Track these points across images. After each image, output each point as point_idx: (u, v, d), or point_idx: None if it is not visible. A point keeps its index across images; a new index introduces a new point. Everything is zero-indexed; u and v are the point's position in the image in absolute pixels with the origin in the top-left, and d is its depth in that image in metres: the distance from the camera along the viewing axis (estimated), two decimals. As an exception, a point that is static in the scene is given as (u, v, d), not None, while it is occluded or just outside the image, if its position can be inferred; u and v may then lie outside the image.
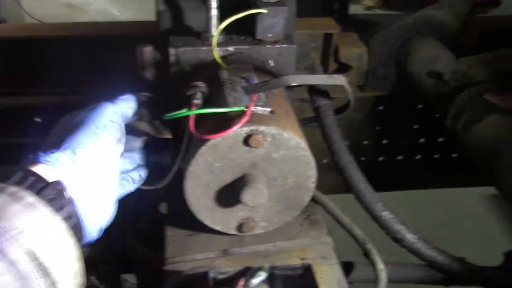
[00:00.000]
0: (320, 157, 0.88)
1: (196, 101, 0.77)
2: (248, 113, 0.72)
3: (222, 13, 0.85)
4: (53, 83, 1.29)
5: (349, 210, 0.95)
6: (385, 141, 1.53)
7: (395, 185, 1.56)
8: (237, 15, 0.82)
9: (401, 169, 1.57)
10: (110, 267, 1.09)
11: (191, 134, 0.74)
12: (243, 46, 0.89)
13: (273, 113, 0.75)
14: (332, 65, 1.37)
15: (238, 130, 0.71)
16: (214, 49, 0.83)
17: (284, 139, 0.74)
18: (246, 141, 0.73)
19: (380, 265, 0.88)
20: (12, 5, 3.57)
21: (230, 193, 0.77)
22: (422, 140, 1.54)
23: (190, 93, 0.78)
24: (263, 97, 0.78)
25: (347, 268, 0.98)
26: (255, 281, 0.66)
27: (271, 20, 0.89)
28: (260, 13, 0.87)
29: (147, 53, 0.88)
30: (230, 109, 0.73)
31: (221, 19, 0.83)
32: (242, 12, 0.83)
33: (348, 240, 0.94)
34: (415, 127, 1.51)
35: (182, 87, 0.80)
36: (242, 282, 0.66)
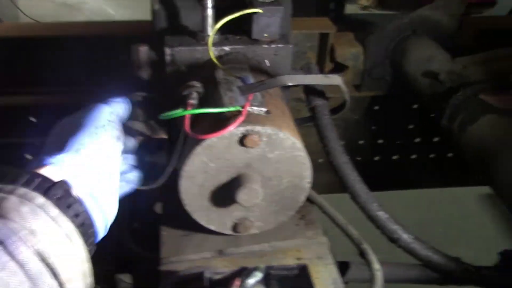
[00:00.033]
0: (316, 157, 0.88)
1: (192, 101, 0.76)
2: (244, 113, 0.72)
3: (218, 13, 0.84)
4: (50, 83, 1.29)
5: (345, 210, 0.95)
6: (381, 141, 1.53)
7: (391, 185, 1.56)
8: (233, 15, 0.82)
9: (397, 169, 1.57)
10: (106, 267, 1.08)
11: (187, 134, 0.73)
12: (239, 46, 0.89)
13: (269, 113, 0.75)
14: (328, 65, 1.37)
15: (234, 130, 0.71)
16: (210, 49, 0.83)
17: (280, 139, 0.74)
18: (242, 141, 0.72)
19: (376, 265, 0.89)
20: (8, 5, 3.55)
21: (226, 193, 0.77)
22: (418, 140, 1.54)
23: (186, 93, 0.78)
24: (259, 97, 0.78)
25: (343, 268, 0.97)
26: (251, 282, 0.66)
27: (267, 20, 0.88)
28: (256, 13, 0.87)
29: (143, 53, 0.88)
30: (226, 109, 0.73)
31: (217, 19, 0.82)
32: (238, 12, 0.82)
33: (344, 240, 0.94)
34: (411, 127, 1.52)
35: (178, 87, 0.80)
36: (238, 283, 0.65)
